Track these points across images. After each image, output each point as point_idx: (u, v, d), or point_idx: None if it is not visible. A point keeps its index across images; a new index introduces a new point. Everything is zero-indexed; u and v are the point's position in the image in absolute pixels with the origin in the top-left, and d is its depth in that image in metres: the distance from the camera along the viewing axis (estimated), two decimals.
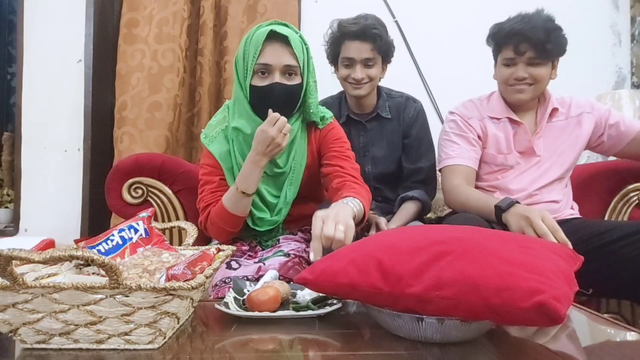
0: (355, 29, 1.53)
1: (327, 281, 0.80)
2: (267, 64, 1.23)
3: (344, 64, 1.59)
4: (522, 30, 1.38)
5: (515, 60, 1.43)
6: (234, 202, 1.25)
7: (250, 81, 1.25)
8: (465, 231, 0.86)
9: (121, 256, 0.86)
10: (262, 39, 1.22)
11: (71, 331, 0.69)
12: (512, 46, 1.41)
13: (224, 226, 1.28)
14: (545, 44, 1.37)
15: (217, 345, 0.75)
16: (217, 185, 1.33)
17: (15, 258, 0.62)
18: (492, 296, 0.67)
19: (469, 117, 1.54)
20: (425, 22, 2.33)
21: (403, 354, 0.70)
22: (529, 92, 1.45)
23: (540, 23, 1.39)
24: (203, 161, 1.38)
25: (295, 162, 1.36)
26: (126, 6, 2.14)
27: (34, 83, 2.21)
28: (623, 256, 1.19)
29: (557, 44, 1.40)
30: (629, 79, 2.45)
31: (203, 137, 1.38)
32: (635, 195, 1.62)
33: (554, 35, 1.39)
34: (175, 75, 2.12)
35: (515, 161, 1.49)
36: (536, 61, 1.41)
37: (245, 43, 1.26)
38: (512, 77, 1.44)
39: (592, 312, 0.95)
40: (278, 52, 1.23)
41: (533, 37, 1.37)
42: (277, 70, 1.23)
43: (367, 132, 1.70)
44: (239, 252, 1.33)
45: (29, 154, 2.21)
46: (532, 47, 1.39)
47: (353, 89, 1.59)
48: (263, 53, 1.22)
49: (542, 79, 1.44)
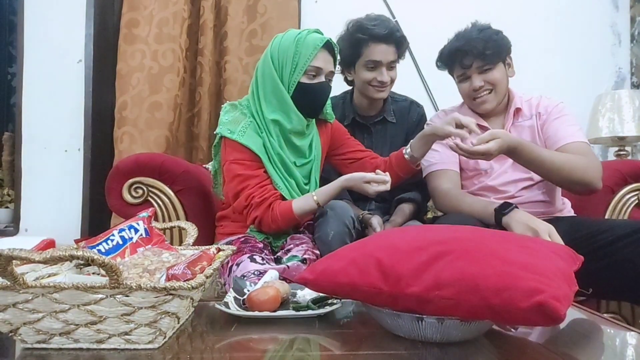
0: (382, 32, 1.54)
1: (327, 281, 0.81)
2: (320, 67, 1.38)
3: (369, 67, 1.57)
4: (460, 47, 1.47)
5: (467, 74, 1.49)
6: (304, 210, 1.35)
7: (299, 78, 1.37)
8: (465, 231, 0.86)
9: (121, 256, 0.86)
10: (319, 45, 1.36)
11: (71, 331, 0.69)
12: (458, 63, 1.50)
13: (283, 225, 1.37)
14: (484, 51, 1.44)
15: (217, 345, 0.75)
16: (262, 179, 1.37)
17: (15, 258, 0.62)
18: (492, 296, 0.67)
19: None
20: (425, 22, 2.33)
21: (403, 353, 0.70)
22: (492, 98, 1.50)
23: (475, 34, 1.46)
24: (234, 157, 1.37)
25: (316, 151, 1.50)
26: (126, 6, 2.14)
27: (34, 83, 2.21)
28: (622, 256, 1.19)
29: (497, 46, 1.46)
30: (629, 79, 2.45)
31: (229, 132, 1.36)
32: (635, 195, 1.62)
33: (491, 41, 1.45)
34: (176, 75, 2.12)
35: (487, 165, 1.50)
36: (485, 67, 1.47)
37: (297, 44, 1.36)
38: (471, 89, 1.49)
39: (592, 312, 0.95)
40: (328, 60, 1.40)
41: (471, 49, 1.45)
42: (324, 75, 1.39)
43: (371, 135, 1.70)
44: (256, 249, 1.33)
45: (29, 154, 2.21)
46: (475, 57, 1.45)
47: (377, 91, 1.59)
48: (317, 57, 1.36)
49: (499, 81, 1.48)
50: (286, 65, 1.37)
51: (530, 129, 1.51)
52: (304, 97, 1.38)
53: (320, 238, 1.34)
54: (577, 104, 2.30)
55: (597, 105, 2.21)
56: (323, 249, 1.32)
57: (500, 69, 1.49)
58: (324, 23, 1.63)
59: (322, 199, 1.35)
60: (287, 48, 1.37)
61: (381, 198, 1.71)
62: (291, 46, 1.36)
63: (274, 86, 1.38)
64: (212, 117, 2.17)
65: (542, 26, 2.38)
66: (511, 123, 1.53)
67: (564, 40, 2.39)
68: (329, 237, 1.31)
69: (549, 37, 2.38)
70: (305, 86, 1.37)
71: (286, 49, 1.37)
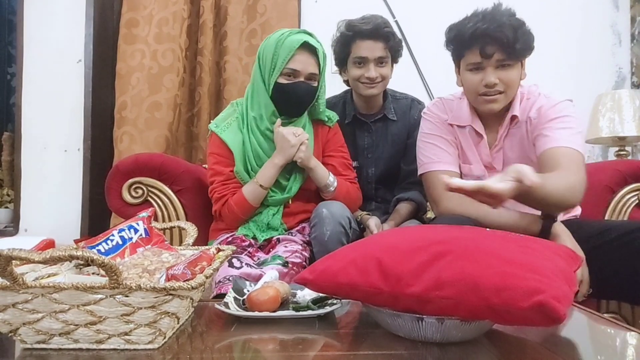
0: (367, 27, 1.54)
1: (327, 281, 0.80)
2: (296, 69, 1.39)
3: (356, 64, 1.58)
4: (488, 30, 1.22)
5: (483, 64, 1.26)
6: (253, 194, 1.41)
7: (277, 79, 1.39)
8: (465, 231, 0.86)
9: (121, 256, 0.86)
10: (295, 46, 1.37)
11: (71, 331, 0.69)
12: (478, 49, 1.24)
13: (240, 214, 1.43)
14: (514, 44, 1.22)
15: (217, 345, 0.75)
16: (227, 177, 1.46)
17: (15, 258, 0.62)
18: (492, 296, 0.67)
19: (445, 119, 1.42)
20: (425, 22, 2.32)
21: (403, 353, 0.70)
22: (502, 100, 1.30)
23: (506, 20, 1.22)
24: (212, 150, 1.49)
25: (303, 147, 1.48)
26: (126, 6, 2.14)
27: (34, 83, 2.21)
28: (620, 256, 1.19)
29: (526, 41, 1.25)
30: (629, 78, 2.45)
31: (214, 126, 1.48)
32: (635, 195, 1.62)
33: (521, 32, 1.23)
34: (175, 75, 2.12)
35: (481, 172, 1.36)
36: (506, 63, 1.25)
37: (277, 45, 1.39)
38: (481, 84, 1.27)
39: (592, 312, 0.95)
40: (307, 61, 1.39)
41: (501, 36, 1.21)
42: (303, 76, 1.40)
43: (372, 133, 1.70)
44: (239, 248, 1.35)
45: (29, 154, 2.21)
46: (500, 48, 1.22)
47: (366, 88, 1.59)
48: (294, 59, 1.38)
49: (514, 83, 1.29)
50: (267, 66, 1.41)
51: (520, 137, 1.34)
52: (280, 97, 1.42)
53: (316, 238, 1.34)
54: (577, 104, 2.27)
55: (597, 105, 2.20)
56: (319, 249, 1.32)
57: (518, 69, 1.28)
58: (324, 23, 1.64)
59: (263, 181, 1.40)
60: (269, 49, 1.40)
61: (381, 198, 1.71)
62: (272, 47, 1.40)
63: (257, 85, 1.45)
64: (211, 117, 2.17)
65: (542, 26, 2.36)
66: (506, 132, 1.35)
67: (564, 40, 2.39)
68: (325, 237, 1.31)
69: (549, 37, 2.38)
70: (281, 87, 1.40)
71: (268, 50, 1.41)
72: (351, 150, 1.64)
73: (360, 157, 1.70)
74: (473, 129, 1.38)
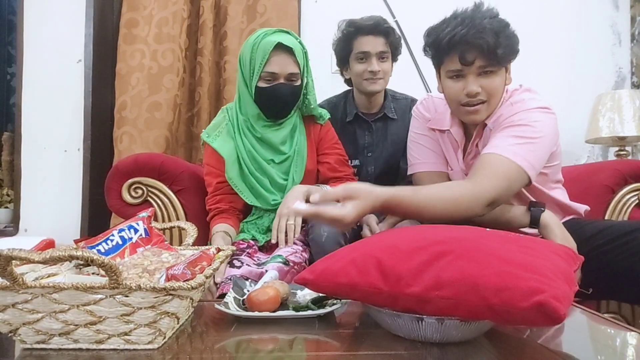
0: (368, 23, 1.58)
1: (327, 281, 0.80)
2: (274, 72, 1.37)
3: (359, 59, 1.60)
4: (467, 35, 1.13)
5: (463, 72, 1.18)
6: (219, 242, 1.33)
7: (257, 83, 1.39)
8: (465, 231, 0.86)
9: (121, 256, 0.86)
10: (269, 49, 1.35)
11: (71, 331, 0.69)
12: (458, 56, 1.16)
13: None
14: (495, 49, 1.12)
15: (217, 345, 0.75)
16: (214, 189, 1.48)
17: (15, 258, 0.62)
18: (492, 296, 0.67)
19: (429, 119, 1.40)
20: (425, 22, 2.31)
21: (403, 354, 0.70)
22: (484, 111, 1.21)
23: (487, 23, 1.13)
24: (204, 160, 1.52)
25: (298, 147, 1.50)
26: (126, 6, 2.14)
27: (34, 83, 2.20)
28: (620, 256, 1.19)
29: (509, 45, 1.15)
30: (629, 79, 2.44)
31: (205, 136, 1.49)
32: (635, 195, 1.61)
33: (503, 36, 1.14)
34: (175, 75, 2.11)
35: (460, 177, 1.32)
36: (488, 69, 1.17)
37: (252, 49, 1.38)
38: (463, 93, 1.19)
39: (592, 312, 0.95)
40: (283, 62, 1.37)
41: (481, 42, 1.12)
42: (282, 77, 1.38)
43: (372, 132, 1.71)
44: (238, 249, 1.35)
45: (29, 154, 2.20)
46: (481, 54, 1.14)
47: (370, 83, 1.61)
48: (270, 62, 1.36)
49: (497, 91, 1.20)
50: (246, 71, 1.42)
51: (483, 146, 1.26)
52: (263, 101, 1.42)
53: (313, 239, 1.33)
54: (577, 104, 2.31)
55: (597, 105, 2.20)
56: (317, 250, 1.31)
57: (502, 75, 1.20)
58: (324, 23, 1.64)
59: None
60: (246, 54, 1.41)
61: None
62: (249, 51, 1.40)
63: (242, 90, 1.46)
64: (211, 117, 2.17)
65: (542, 26, 2.38)
66: (480, 138, 1.28)
67: (564, 40, 2.39)
68: (322, 238, 1.30)
69: (549, 37, 2.38)
70: (262, 90, 1.40)
71: (246, 55, 1.41)
72: (351, 149, 1.65)
73: (360, 155, 1.70)
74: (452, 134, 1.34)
